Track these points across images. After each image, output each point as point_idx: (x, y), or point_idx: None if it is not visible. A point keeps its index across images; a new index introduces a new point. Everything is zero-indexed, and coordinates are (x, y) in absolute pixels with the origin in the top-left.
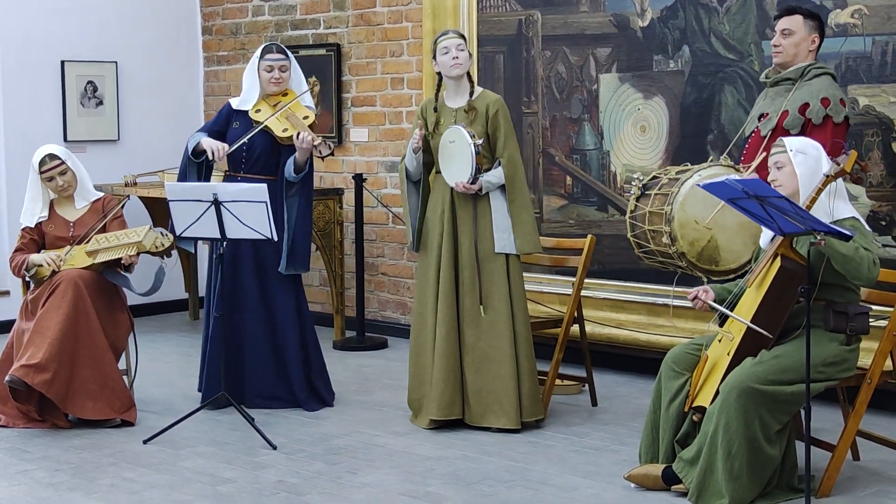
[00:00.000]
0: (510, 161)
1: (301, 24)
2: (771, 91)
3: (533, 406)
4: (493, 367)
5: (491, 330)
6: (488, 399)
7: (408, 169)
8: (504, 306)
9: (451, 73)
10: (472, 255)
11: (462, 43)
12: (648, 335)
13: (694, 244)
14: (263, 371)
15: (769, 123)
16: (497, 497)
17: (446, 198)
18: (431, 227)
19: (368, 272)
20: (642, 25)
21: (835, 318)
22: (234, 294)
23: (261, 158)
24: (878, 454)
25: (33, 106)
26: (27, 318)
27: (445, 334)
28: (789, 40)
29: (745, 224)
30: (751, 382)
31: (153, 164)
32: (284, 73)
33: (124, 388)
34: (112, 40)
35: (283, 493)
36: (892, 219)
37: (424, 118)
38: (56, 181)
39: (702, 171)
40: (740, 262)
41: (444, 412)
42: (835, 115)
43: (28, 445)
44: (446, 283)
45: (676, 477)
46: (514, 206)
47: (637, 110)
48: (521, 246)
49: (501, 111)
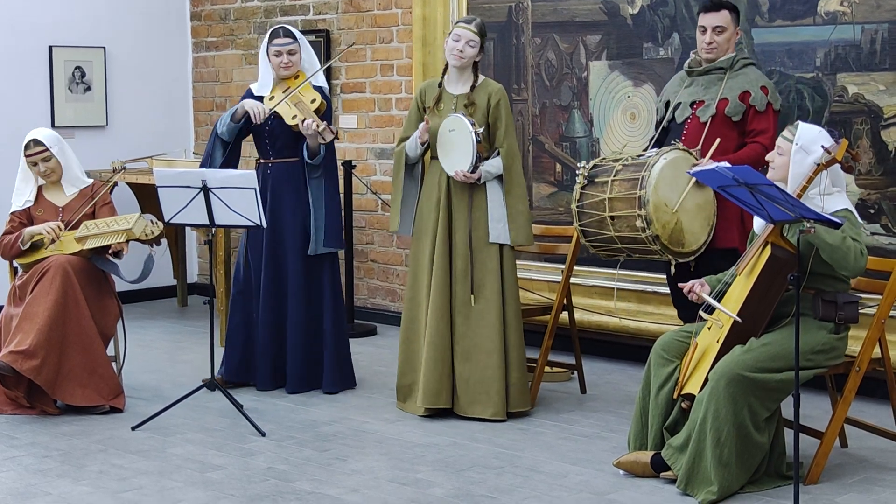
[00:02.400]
0: (509, 151)
1: (290, 9)
2: (701, 80)
3: (520, 397)
4: (482, 357)
5: (481, 320)
6: (476, 389)
7: (407, 154)
8: (495, 296)
9: (450, 61)
10: (466, 244)
11: (475, 39)
12: (638, 322)
13: (665, 226)
14: (303, 354)
15: (708, 111)
16: (486, 484)
17: (442, 185)
18: (426, 213)
19: (357, 259)
20: (632, 13)
21: (824, 306)
22: (276, 277)
23: (285, 143)
24: (866, 441)
25: (21, 91)
26: (15, 303)
27: (436, 322)
28: (722, 37)
29: (701, 206)
30: (740, 370)
31: (141, 150)
32: (293, 56)
33: (113, 375)
34: (100, 26)
35: (273, 479)
36: (880, 207)
37: (423, 100)
38: (39, 167)
39: (666, 155)
40: (699, 244)
41: (430, 400)
42: (774, 102)
43: (16, 432)
44: (440, 272)
45: (665, 464)
46: (511, 197)
47: (627, 98)
48: (515, 237)
49: (503, 101)
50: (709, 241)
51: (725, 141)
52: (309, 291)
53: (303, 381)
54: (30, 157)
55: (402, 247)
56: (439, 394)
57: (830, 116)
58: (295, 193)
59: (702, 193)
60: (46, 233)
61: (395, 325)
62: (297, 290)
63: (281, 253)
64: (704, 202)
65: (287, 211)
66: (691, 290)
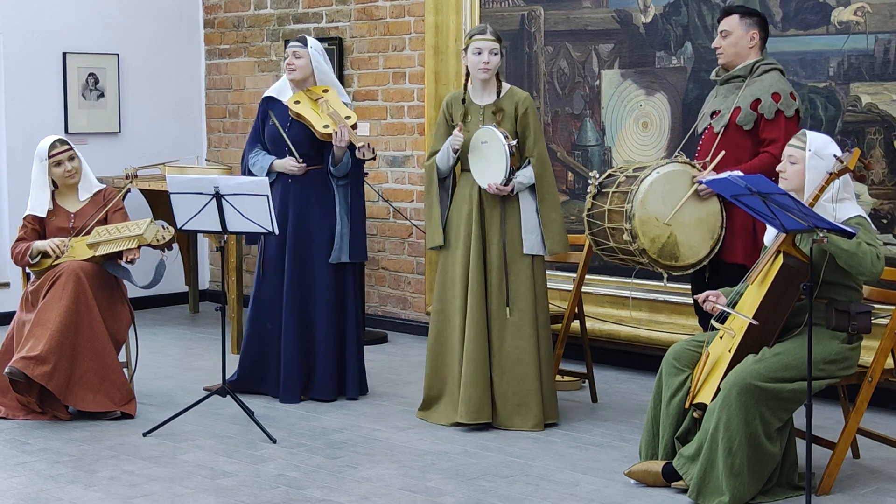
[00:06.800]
0: (540, 160)
1: (303, 17)
2: (722, 89)
3: (551, 409)
4: (520, 370)
5: (517, 332)
6: (514, 401)
7: (438, 167)
8: (529, 307)
9: (479, 76)
10: (501, 256)
11: (496, 47)
12: (649, 331)
13: (654, 241)
14: (333, 362)
15: (721, 120)
16: (497, 492)
17: (474, 197)
18: (456, 225)
19: (369, 267)
20: (645, 21)
21: (837, 316)
22: (302, 286)
23: (310, 151)
24: (879, 452)
25: (35, 98)
26: (28, 309)
27: (474, 337)
28: (728, 41)
29: (703, 219)
30: (752, 379)
31: (154, 156)
32: (299, 60)
33: (124, 381)
34: (113, 33)
35: (283, 486)
36: (893, 217)
37: (451, 113)
38: (64, 165)
39: (660, 168)
40: (699, 258)
41: (472, 416)
42: (786, 109)
43: (28, 437)
44: (476, 286)
45: (677, 473)
46: (545, 206)
47: (639, 106)
48: (551, 246)
49: (531, 109)
50: (713, 255)
51: (738, 151)
52: (336, 300)
53: (331, 388)
54: (55, 157)
55: (413, 255)
56: (481, 409)
57: (843, 126)
58: (320, 202)
59: (704, 206)
60: (51, 250)
61: (405, 333)
62: (325, 299)
63: (307, 263)
64: (707, 215)
65: (313, 220)
66: (706, 299)
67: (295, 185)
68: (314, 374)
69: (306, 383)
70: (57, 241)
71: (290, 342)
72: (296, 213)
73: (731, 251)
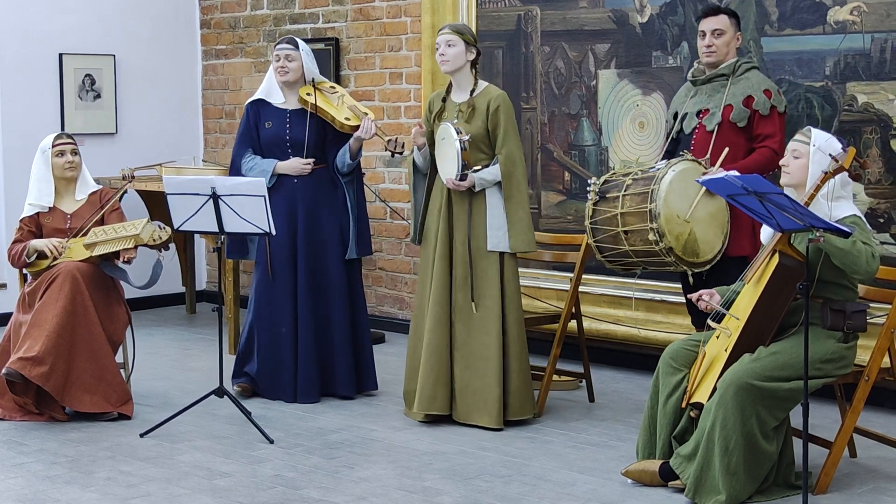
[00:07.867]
0: (508, 158)
1: (300, 17)
2: (704, 88)
3: (522, 405)
4: (480, 365)
5: (481, 328)
6: (475, 397)
7: (415, 162)
8: (495, 304)
9: (442, 70)
10: (466, 252)
11: (452, 38)
12: (646, 331)
13: (678, 238)
14: (351, 359)
15: (713, 119)
16: (494, 492)
17: (444, 193)
18: (431, 221)
19: (366, 267)
20: (641, 21)
21: (832, 315)
22: (315, 285)
23: (316, 148)
24: (875, 451)
25: (31, 99)
26: (24, 310)
27: (433, 328)
28: (721, 40)
29: (714, 214)
30: (748, 379)
31: (151, 157)
32: (291, 62)
33: (121, 382)
34: (110, 33)
35: (280, 486)
36: (890, 216)
37: (431, 110)
38: (66, 156)
39: (675, 167)
40: (715, 252)
41: (425, 405)
42: (778, 104)
43: (25, 438)
44: (439, 279)
45: (674, 473)
46: (511, 204)
47: (636, 106)
48: (514, 244)
49: (503, 107)
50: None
51: (734, 148)
52: (349, 295)
53: (351, 385)
54: (58, 146)
55: (410, 255)
56: (434, 399)
57: (840, 126)
58: (329, 201)
59: (714, 202)
60: (49, 250)
61: (403, 333)
62: (340, 296)
63: (321, 262)
64: (717, 210)
65: (323, 219)
66: (699, 298)
67: (301, 186)
68: (333, 372)
69: (324, 381)
70: (55, 241)
71: (306, 342)
72: (306, 214)
73: (736, 244)
